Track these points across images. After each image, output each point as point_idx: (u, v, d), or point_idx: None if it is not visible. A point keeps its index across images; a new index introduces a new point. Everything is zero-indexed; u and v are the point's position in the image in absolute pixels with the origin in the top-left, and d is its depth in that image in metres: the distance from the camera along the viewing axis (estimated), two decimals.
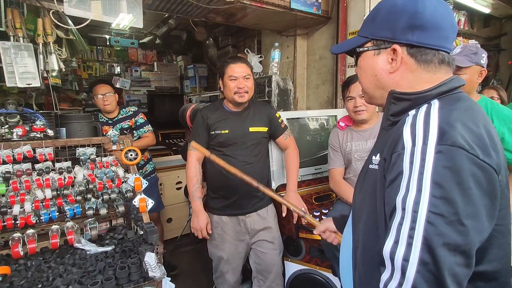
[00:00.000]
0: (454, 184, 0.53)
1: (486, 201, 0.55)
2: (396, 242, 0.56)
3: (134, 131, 2.51)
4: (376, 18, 0.72)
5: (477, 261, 0.57)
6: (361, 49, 0.75)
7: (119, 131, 2.38)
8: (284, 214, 1.76)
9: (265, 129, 1.78)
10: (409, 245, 0.54)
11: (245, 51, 2.68)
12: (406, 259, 0.54)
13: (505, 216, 0.62)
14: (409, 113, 0.67)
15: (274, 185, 1.95)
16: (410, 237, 0.54)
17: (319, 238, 1.68)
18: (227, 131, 1.70)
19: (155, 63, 5.65)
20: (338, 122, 1.84)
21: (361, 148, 1.71)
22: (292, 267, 1.91)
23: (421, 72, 0.68)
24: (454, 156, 0.54)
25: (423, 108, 0.65)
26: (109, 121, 2.42)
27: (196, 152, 1.75)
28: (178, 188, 3.34)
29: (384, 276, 0.58)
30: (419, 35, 0.66)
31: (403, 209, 0.56)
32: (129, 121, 2.47)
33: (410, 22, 0.66)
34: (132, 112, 2.50)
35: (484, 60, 1.56)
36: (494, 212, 0.57)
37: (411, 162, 0.58)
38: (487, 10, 3.17)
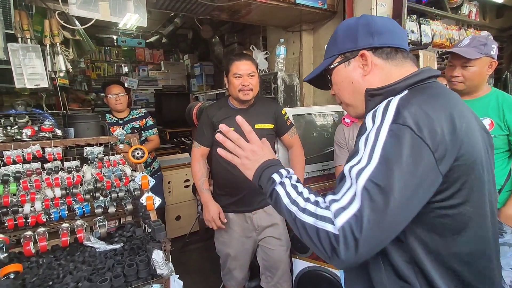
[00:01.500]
0: (396, 161, 0.58)
1: (419, 180, 0.59)
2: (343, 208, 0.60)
3: (142, 132, 2.66)
4: (337, 38, 0.81)
5: (451, 241, 0.64)
6: (331, 66, 0.82)
7: (130, 130, 2.54)
8: None
9: (271, 125, 1.77)
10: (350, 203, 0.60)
11: (251, 48, 2.67)
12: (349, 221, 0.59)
13: (481, 200, 0.66)
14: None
15: None
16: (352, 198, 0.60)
17: None
18: (232, 129, 1.69)
19: (162, 62, 5.68)
20: (343, 119, 1.81)
21: None
22: (300, 264, 1.90)
23: (390, 68, 0.75)
24: (401, 134, 0.59)
25: (390, 98, 0.68)
26: (120, 121, 2.52)
27: (200, 149, 1.76)
28: (186, 186, 3.37)
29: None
30: (379, 38, 0.74)
31: (350, 176, 0.63)
32: (139, 122, 2.62)
33: (367, 30, 0.75)
34: (143, 114, 2.67)
35: (494, 51, 1.51)
36: (425, 193, 0.60)
37: (366, 139, 0.64)
38: (500, 0, 3.07)
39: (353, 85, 0.79)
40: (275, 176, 0.72)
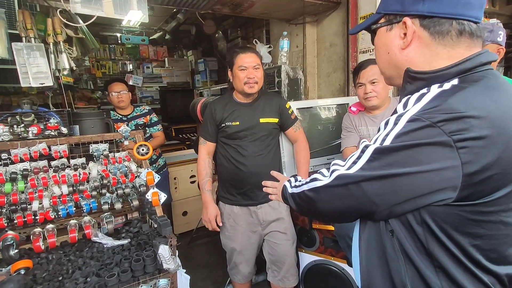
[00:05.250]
0: (405, 153, 0.55)
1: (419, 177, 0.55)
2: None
3: (147, 128, 2.66)
4: None
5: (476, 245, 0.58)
6: (374, 26, 0.71)
7: (134, 127, 2.54)
8: None
9: (275, 120, 1.76)
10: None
11: (254, 41, 2.64)
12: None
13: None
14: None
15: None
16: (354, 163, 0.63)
17: (333, 228, 1.67)
18: (237, 123, 1.69)
19: (166, 59, 5.68)
20: (350, 107, 1.80)
21: (374, 133, 1.67)
22: (307, 258, 1.90)
23: (437, 47, 0.62)
24: (419, 128, 0.54)
25: (433, 86, 0.60)
26: (124, 118, 2.53)
27: (206, 146, 1.76)
28: (192, 182, 3.39)
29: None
30: (430, 4, 0.60)
31: (361, 149, 0.64)
32: (143, 118, 2.63)
33: None
34: (147, 111, 2.68)
35: (501, 38, 1.47)
36: (426, 195, 0.56)
37: (386, 123, 0.61)
38: None
39: (389, 56, 0.69)
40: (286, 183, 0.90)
